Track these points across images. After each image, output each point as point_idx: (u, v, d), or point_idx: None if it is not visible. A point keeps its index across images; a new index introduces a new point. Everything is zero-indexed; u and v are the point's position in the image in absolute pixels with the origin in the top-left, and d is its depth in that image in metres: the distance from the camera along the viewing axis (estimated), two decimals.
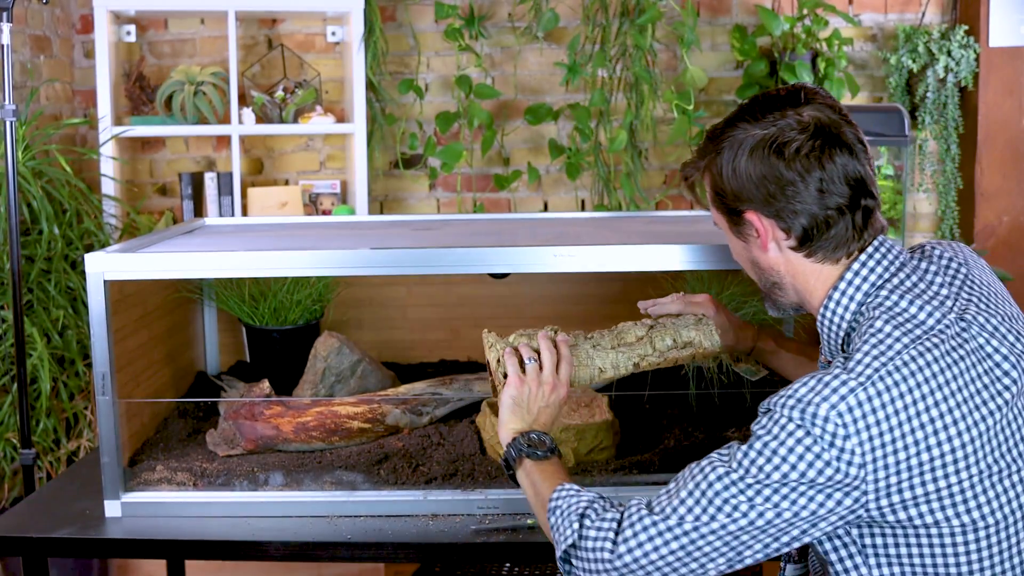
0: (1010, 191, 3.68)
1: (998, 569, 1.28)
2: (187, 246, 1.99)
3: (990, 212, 3.70)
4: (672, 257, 1.75)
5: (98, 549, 1.80)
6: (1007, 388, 1.30)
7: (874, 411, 1.22)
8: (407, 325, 2.44)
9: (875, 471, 1.22)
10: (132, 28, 3.65)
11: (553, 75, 3.84)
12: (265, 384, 2.08)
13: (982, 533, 1.27)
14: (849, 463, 1.21)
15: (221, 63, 3.69)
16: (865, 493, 1.23)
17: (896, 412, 1.22)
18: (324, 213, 3.70)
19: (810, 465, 1.22)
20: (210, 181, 3.58)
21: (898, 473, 1.23)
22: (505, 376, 1.58)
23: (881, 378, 1.23)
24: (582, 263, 1.77)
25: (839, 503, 1.24)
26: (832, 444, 1.21)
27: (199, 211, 3.61)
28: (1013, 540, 1.28)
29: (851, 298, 1.37)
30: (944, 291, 1.35)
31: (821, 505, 1.24)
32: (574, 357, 1.65)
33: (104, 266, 1.79)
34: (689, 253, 1.75)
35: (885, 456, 1.22)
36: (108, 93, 3.39)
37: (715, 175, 1.41)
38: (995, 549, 1.28)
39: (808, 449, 1.22)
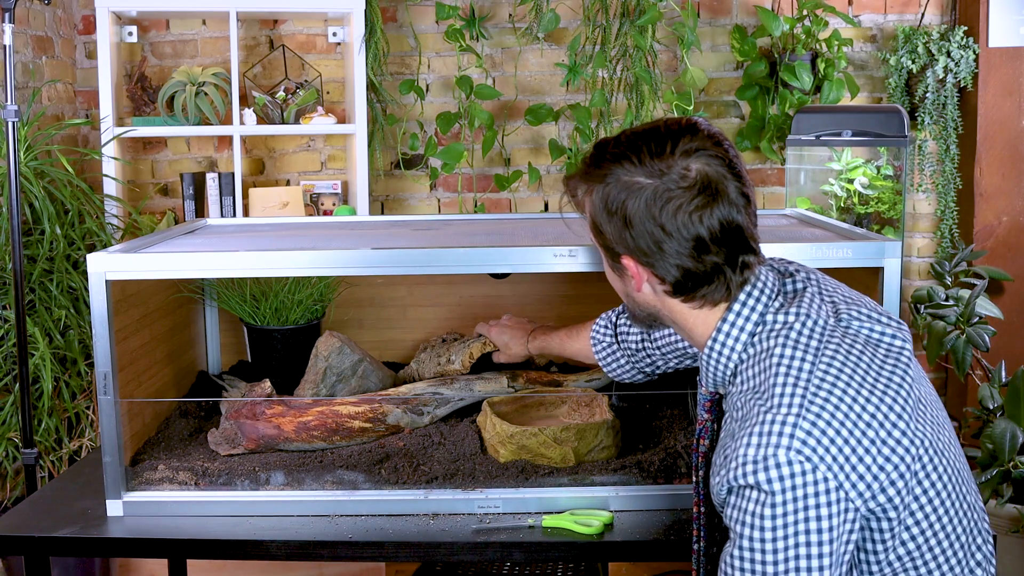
0: (1009, 191, 3.69)
1: (963, 520, 1.35)
2: (189, 246, 1.99)
3: (989, 212, 3.70)
4: None
5: (100, 548, 1.80)
6: (902, 356, 1.36)
7: (824, 432, 1.25)
8: (408, 325, 2.45)
9: (854, 485, 1.25)
10: (134, 29, 3.65)
11: (554, 76, 3.85)
12: (266, 384, 2.09)
13: (943, 490, 1.33)
14: (828, 490, 1.24)
15: (222, 64, 3.70)
16: (853, 501, 1.26)
17: (842, 423, 1.26)
18: (325, 213, 3.71)
19: (807, 524, 1.23)
20: (211, 181, 3.58)
21: (875, 477, 1.26)
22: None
23: (811, 402, 1.27)
24: (582, 263, 1.78)
25: (848, 522, 1.26)
26: (805, 483, 1.23)
27: (200, 211, 3.62)
28: (956, 492, 1.35)
29: (736, 339, 1.39)
30: (816, 299, 1.39)
31: (837, 540, 1.25)
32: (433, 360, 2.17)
33: (106, 266, 1.80)
34: None
35: (855, 468, 1.25)
36: (110, 94, 3.40)
37: (595, 207, 1.41)
38: (954, 502, 1.34)
39: (790, 513, 1.24)
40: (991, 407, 3.00)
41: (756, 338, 1.38)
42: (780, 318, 1.37)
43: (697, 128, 1.38)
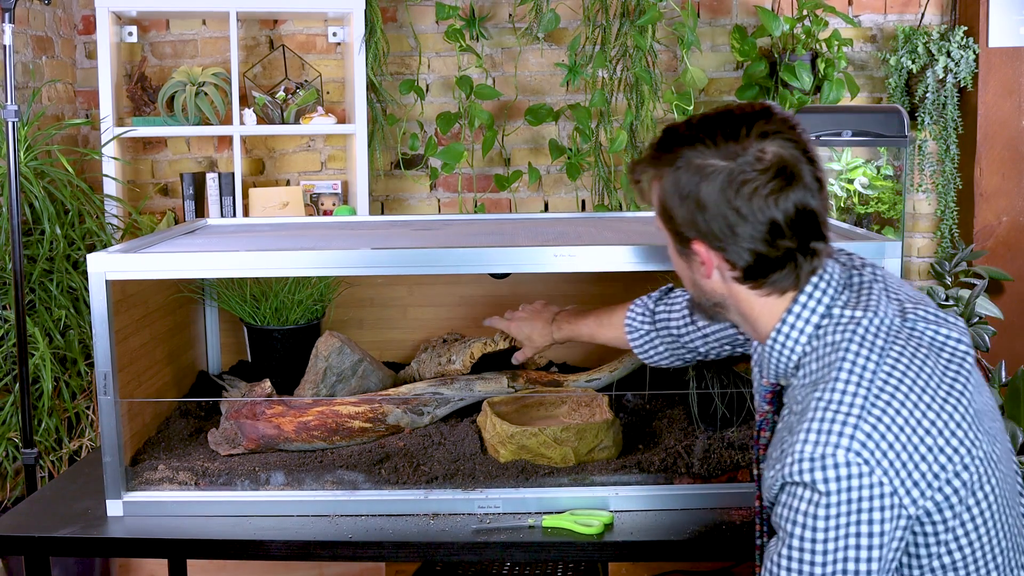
0: (1009, 191, 3.69)
1: (1009, 528, 1.34)
2: (189, 246, 1.99)
3: (989, 212, 3.70)
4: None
5: (100, 548, 1.80)
6: (965, 362, 1.34)
7: (883, 435, 1.24)
8: (408, 325, 2.45)
9: (908, 491, 1.24)
10: (134, 29, 3.66)
11: (554, 76, 3.85)
12: (266, 384, 2.09)
13: (993, 503, 1.31)
14: (883, 495, 1.23)
15: (222, 64, 3.70)
16: (906, 508, 1.25)
17: (901, 428, 1.25)
18: (325, 213, 3.71)
19: (858, 527, 1.23)
20: (211, 181, 3.58)
21: (929, 485, 1.25)
22: None
23: (873, 404, 1.26)
24: (582, 263, 1.78)
25: (899, 528, 1.25)
26: (860, 486, 1.22)
27: (200, 211, 3.62)
28: (1006, 505, 1.34)
29: (801, 330, 1.38)
30: (883, 297, 1.38)
31: (887, 546, 1.24)
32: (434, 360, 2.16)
33: (106, 266, 1.80)
34: None
35: (911, 474, 1.24)
36: (110, 94, 3.40)
37: (665, 192, 1.39)
38: (1001, 514, 1.32)
39: (843, 515, 1.23)
40: None
41: (822, 331, 1.36)
42: (847, 313, 1.35)
43: (771, 112, 1.36)
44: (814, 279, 1.38)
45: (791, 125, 1.36)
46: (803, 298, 1.38)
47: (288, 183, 3.87)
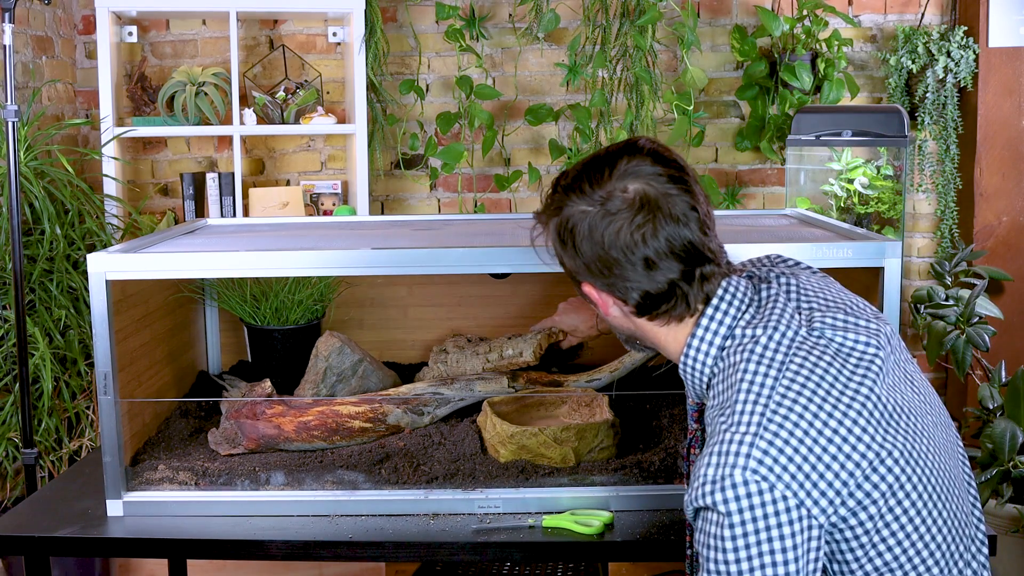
0: (1009, 191, 3.68)
1: (942, 525, 1.33)
2: (189, 246, 1.99)
3: (989, 212, 3.70)
4: None
5: (100, 548, 1.80)
6: (873, 365, 1.33)
7: (781, 450, 1.24)
8: (408, 325, 2.45)
9: (816, 501, 1.24)
10: (134, 29, 3.66)
11: (554, 76, 3.85)
12: (267, 384, 2.09)
13: (918, 500, 1.30)
14: (788, 508, 1.23)
15: (222, 64, 3.70)
16: (816, 518, 1.25)
17: (801, 440, 1.25)
18: (325, 213, 3.71)
19: (770, 544, 1.23)
20: (211, 181, 3.58)
21: (838, 492, 1.25)
22: None
23: (770, 420, 1.26)
24: None
25: (813, 539, 1.25)
26: (763, 503, 1.23)
27: (200, 211, 3.62)
28: (939, 501, 1.32)
29: (706, 353, 1.39)
30: (789, 308, 1.38)
31: (802, 559, 1.24)
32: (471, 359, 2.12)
33: (106, 266, 1.80)
34: None
35: (816, 484, 1.24)
36: (110, 94, 3.40)
37: (552, 241, 1.43)
38: (935, 510, 1.32)
39: (751, 533, 1.23)
40: (991, 407, 3.00)
41: (725, 352, 1.37)
42: (748, 332, 1.36)
43: (636, 148, 1.37)
44: (714, 301, 1.39)
45: (658, 158, 1.36)
46: (704, 321, 1.39)
47: (288, 183, 3.87)
